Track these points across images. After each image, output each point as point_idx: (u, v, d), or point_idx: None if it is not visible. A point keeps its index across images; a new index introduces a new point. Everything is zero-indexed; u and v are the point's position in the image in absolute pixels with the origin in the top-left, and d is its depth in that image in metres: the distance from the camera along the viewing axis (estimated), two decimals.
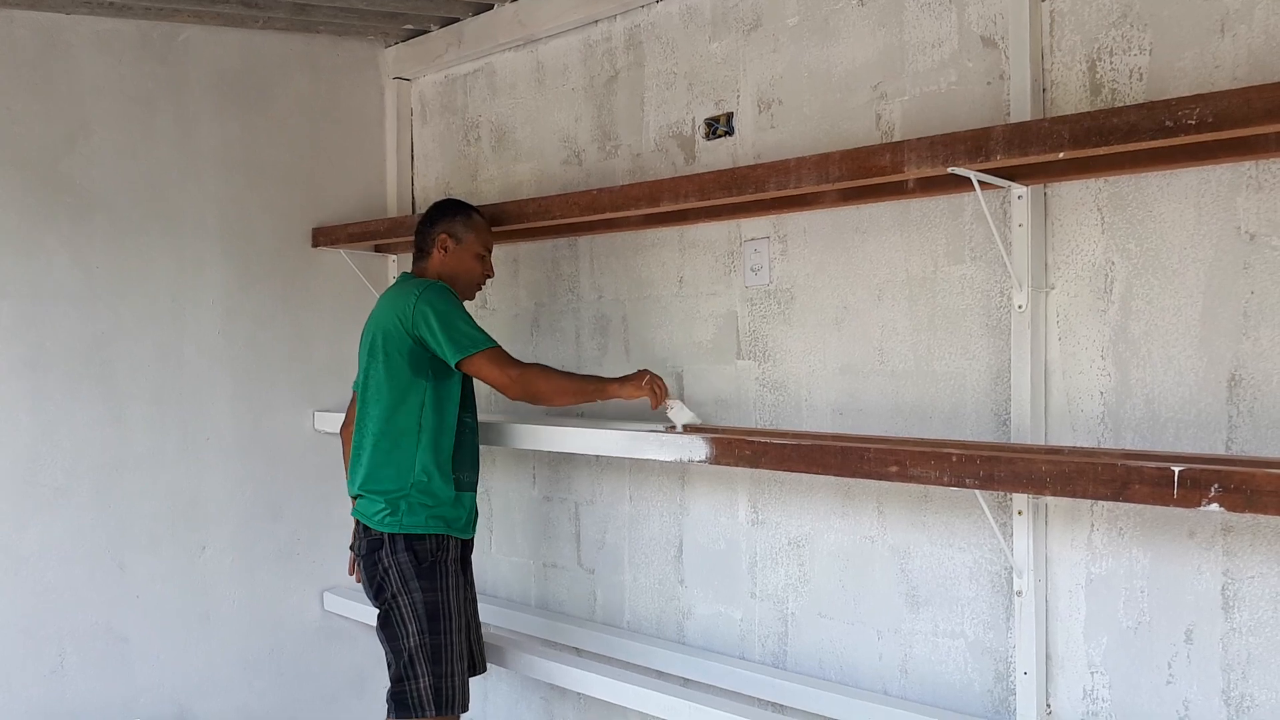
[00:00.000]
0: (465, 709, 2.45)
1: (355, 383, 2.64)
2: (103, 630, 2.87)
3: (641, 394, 2.42)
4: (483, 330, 2.45)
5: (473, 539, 2.60)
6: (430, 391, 2.44)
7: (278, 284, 3.25)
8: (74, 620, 2.82)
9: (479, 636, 2.69)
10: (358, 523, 2.50)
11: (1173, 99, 1.68)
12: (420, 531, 2.41)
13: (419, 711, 2.37)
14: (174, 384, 3.02)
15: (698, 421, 2.44)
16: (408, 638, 2.39)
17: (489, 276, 2.65)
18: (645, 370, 2.47)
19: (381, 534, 2.42)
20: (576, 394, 2.48)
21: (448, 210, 2.62)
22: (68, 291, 2.83)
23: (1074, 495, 1.75)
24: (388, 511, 2.41)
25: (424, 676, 2.37)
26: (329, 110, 3.38)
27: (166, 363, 3.00)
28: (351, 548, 2.55)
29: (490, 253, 2.64)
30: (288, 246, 3.29)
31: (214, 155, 3.12)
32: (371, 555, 2.44)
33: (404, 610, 2.40)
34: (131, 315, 2.94)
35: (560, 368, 2.61)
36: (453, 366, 2.42)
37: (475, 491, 2.58)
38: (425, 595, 2.39)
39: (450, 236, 2.56)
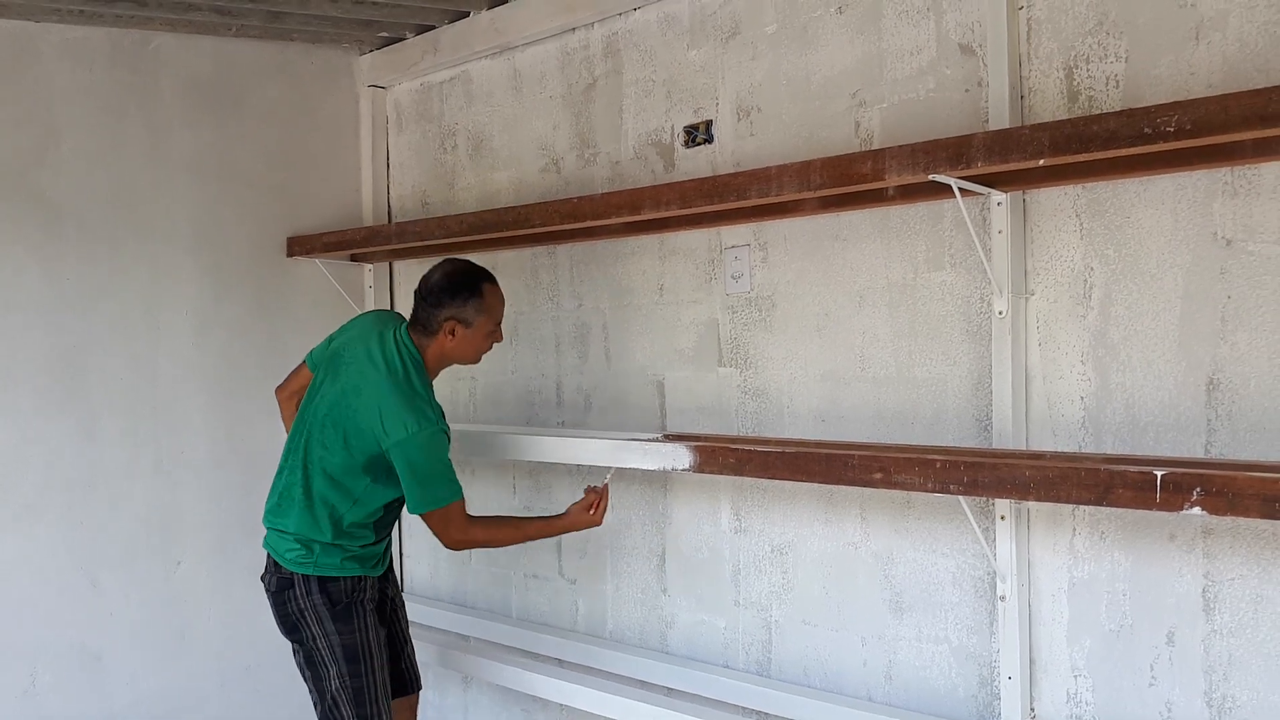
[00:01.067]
0: None
1: (311, 355, 2.53)
2: (76, 649, 2.81)
3: (591, 524, 2.44)
4: (455, 479, 2.35)
5: (387, 570, 2.55)
6: (373, 489, 2.36)
7: (252, 294, 3.21)
8: (46, 639, 2.76)
9: (410, 653, 2.66)
10: (269, 556, 2.42)
11: (1151, 106, 1.70)
12: (335, 574, 2.34)
13: None
14: (147, 396, 2.97)
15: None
16: (329, 679, 2.33)
17: (498, 343, 2.50)
18: (578, 504, 2.46)
19: (292, 574, 2.34)
20: (522, 540, 2.53)
21: (458, 291, 2.36)
22: (37, 303, 2.77)
23: (1058, 500, 1.76)
24: (302, 552, 2.34)
25: (349, 719, 2.32)
26: (303, 118, 3.35)
27: (140, 375, 2.95)
28: (263, 579, 2.44)
29: (500, 323, 2.47)
30: (262, 256, 3.25)
31: (187, 164, 3.08)
32: (282, 593, 2.36)
33: (324, 652, 2.33)
34: (103, 327, 2.89)
35: (507, 516, 2.68)
36: (410, 512, 2.37)
37: (391, 535, 2.54)
38: (343, 638, 2.33)
39: (460, 323, 2.37)
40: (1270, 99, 1.58)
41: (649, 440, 2.39)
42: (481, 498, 3.25)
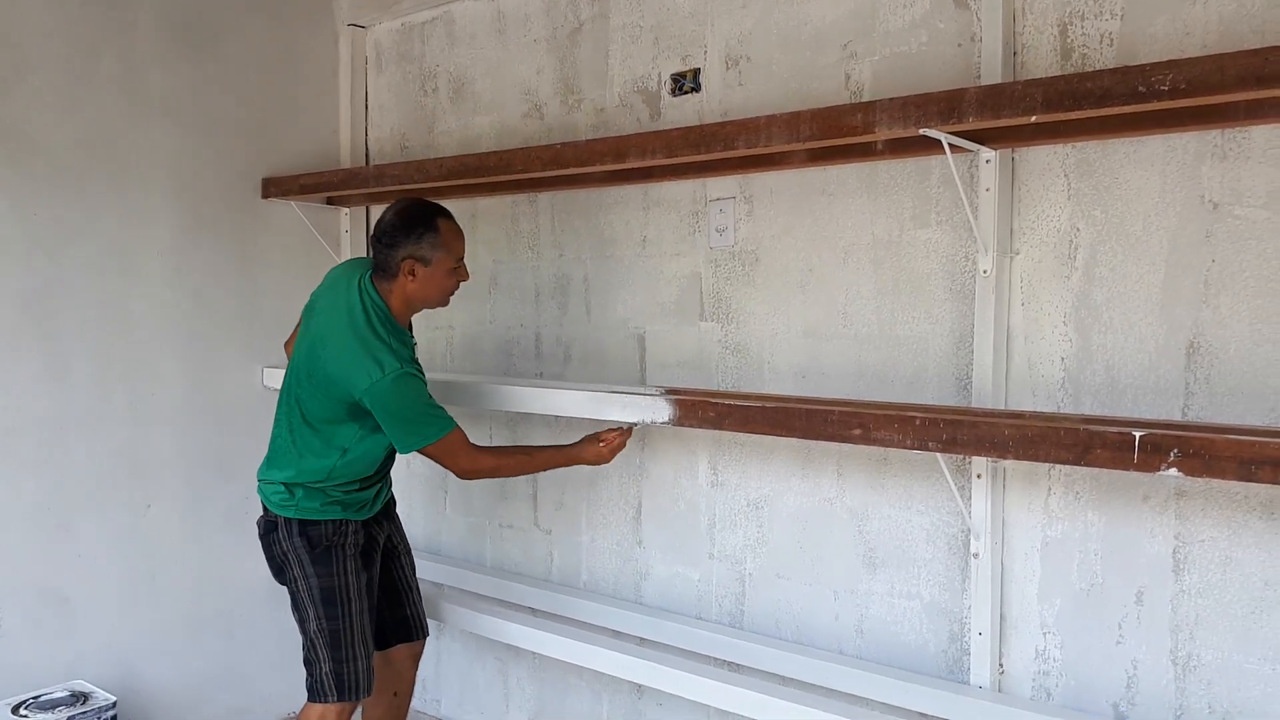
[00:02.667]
0: (369, 693, 2.40)
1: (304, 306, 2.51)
2: (44, 591, 2.78)
3: (601, 459, 2.43)
4: (441, 413, 2.31)
5: (380, 514, 2.52)
6: (359, 436, 2.32)
7: (227, 237, 3.15)
8: (13, 581, 2.72)
9: (416, 600, 2.66)
10: (261, 503, 2.43)
11: (1146, 64, 1.67)
12: (315, 517, 2.34)
13: (322, 696, 2.33)
14: (119, 339, 2.91)
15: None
16: (309, 621, 2.34)
17: (463, 281, 2.42)
18: (591, 437, 2.44)
19: (276, 516, 2.36)
20: (534, 470, 2.53)
21: (411, 229, 2.30)
22: (6, 241, 2.70)
23: (1036, 459, 1.77)
24: (285, 495, 2.34)
25: (325, 661, 2.32)
26: (282, 58, 3.26)
27: (111, 317, 2.89)
28: (256, 524, 2.44)
29: (462, 260, 2.39)
30: (238, 198, 3.17)
31: (162, 102, 2.99)
32: (268, 536, 2.38)
33: (303, 594, 2.34)
34: (74, 267, 2.82)
35: (516, 446, 2.67)
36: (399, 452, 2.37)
37: (384, 480, 2.52)
38: (321, 581, 2.33)
39: (418, 261, 2.30)
40: (1267, 59, 1.56)
41: (629, 393, 2.37)
42: None
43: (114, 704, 2.64)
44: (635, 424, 2.36)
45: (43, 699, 2.62)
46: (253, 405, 3.19)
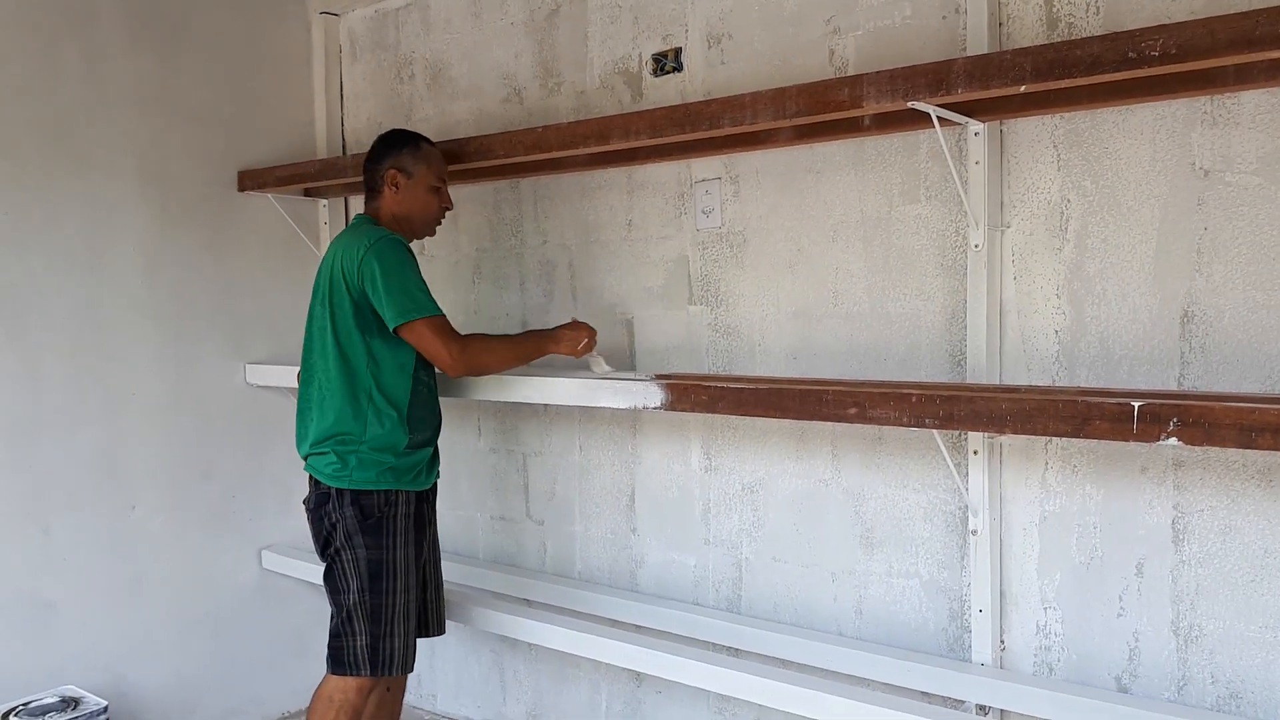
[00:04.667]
0: (407, 669, 2.38)
1: None
2: (27, 596, 2.72)
3: (577, 344, 2.43)
4: (430, 296, 2.32)
5: (431, 489, 2.50)
6: (382, 348, 2.32)
7: (202, 230, 3.08)
8: None
9: (438, 596, 2.60)
10: (310, 477, 2.40)
11: (1136, 30, 1.65)
12: (369, 487, 2.32)
13: (354, 669, 2.30)
14: (93, 337, 2.85)
15: (613, 374, 2.43)
16: (349, 593, 2.31)
17: (447, 209, 2.50)
18: (575, 321, 2.47)
19: (329, 488, 2.33)
20: (518, 358, 2.44)
21: (394, 142, 2.45)
22: None
23: (1034, 433, 1.75)
24: (338, 465, 2.32)
25: (362, 635, 2.30)
26: (251, 46, 3.19)
27: (84, 314, 2.83)
28: (305, 501, 2.43)
29: (445, 183, 2.49)
30: (212, 191, 3.11)
31: (127, 94, 2.92)
32: (319, 509, 2.35)
33: (347, 565, 2.32)
34: (42, 264, 2.75)
35: (493, 333, 2.53)
36: (391, 331, 2.29)
37: (434, 446, 2.49)
38: (369, 552, 2.31)
39: (400, 171, 2.41)
40: (1257, 22, 1.54)
41: (619, 378, 2.34)
42: (446, 440, 3.19)
43: (105, 708, 2.60)
44: (594, 363, 2.45)
45: (33, 705, 2.57)
46: (234, 402, 3.14)
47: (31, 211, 2.73)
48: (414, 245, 3.17)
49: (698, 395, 2.15)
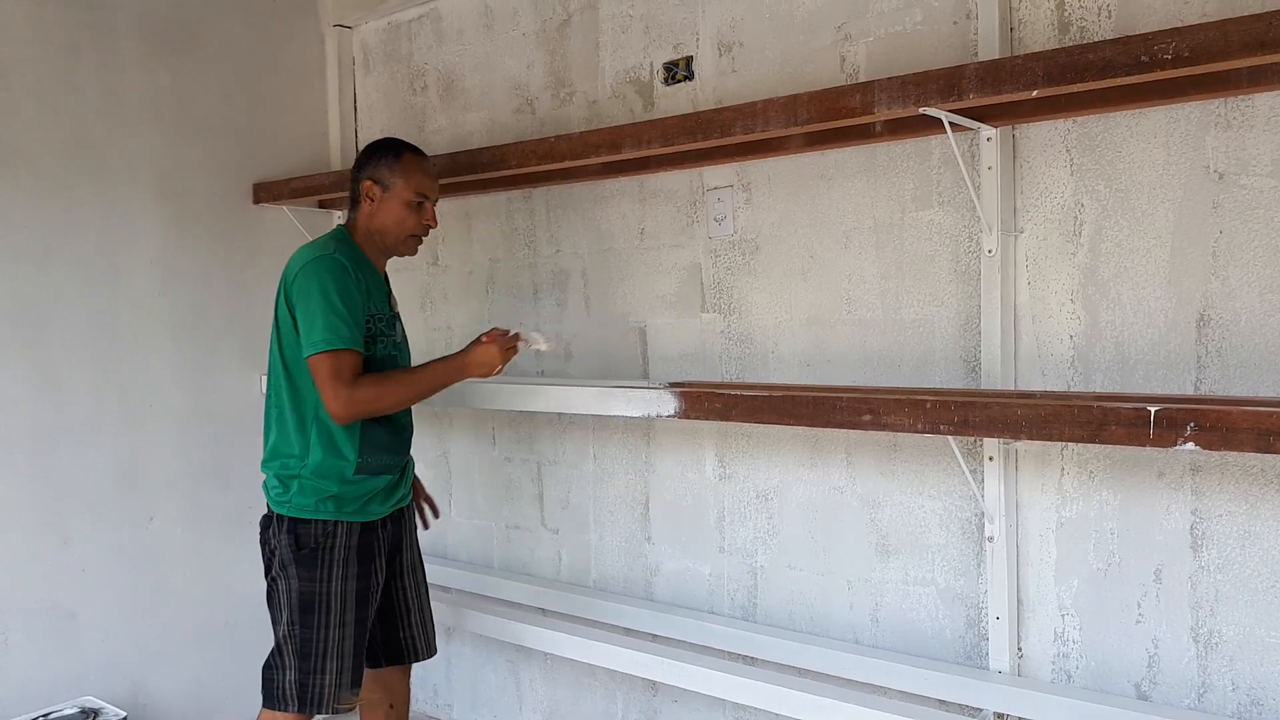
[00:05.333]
0: (341, 707, 2.21)
1: None
2: (48, 606, 2.75)
3: (492, 366, 2.23)
4: (345, 329, 2.11)
5: (392, 516, 2.35)
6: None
7: (218, 242, 3.11)
8: (17, 596, 2.69)
9: (412, 622, 2.45)
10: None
11: (1148, 33, 1.64)
12: (306, 515, 2.19)
13: (282, 704, 2.19)
14: (111, 347, 2.88)
15: (552, 344, 2.40)
16: (280, 624, 2.21)
17: (430, 227, 2.33)
18: (482, 337, 2.26)
19: (272, 512, 2.24)
20: (419, 395, 2.23)
21: (375, 152, 2.31)
22: None
23: (1049, 439, 1.74)
24: (280, 490, 2.22)
25: (290, 669, 2.18)
26: (266, 60, 3.23)
27: (102, 325, 2.86)
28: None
29: (429, 199, 2.31)
30: (228, 203, 3.14)
31: (144, 107, 2.95)
32: (264, 533, 2.26)
33: (280, 595, 2.21)
34: (62, 276, 2.78)
35: (396, 370, 2.27)
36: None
37: (399, 472, 2.35)
38: (301, 584, 2.17)
39: (375, 183, 2.26)
40: (1271, 24, 1.53)
41: (632, 387, 2.34)
42: (460, 449, 3.20)
43: (125, 719, 2.61)
44: (533, 343, 2.31)
45: (53, 716, 2.59)
46: (251, 413, 3.16)
47: (51, 223, 2.76)
48: (424, 257, 3.22)
49: (711, 403, 2.14)
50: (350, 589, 2.22)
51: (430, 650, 2.52)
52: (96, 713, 2.63)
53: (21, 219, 2.71)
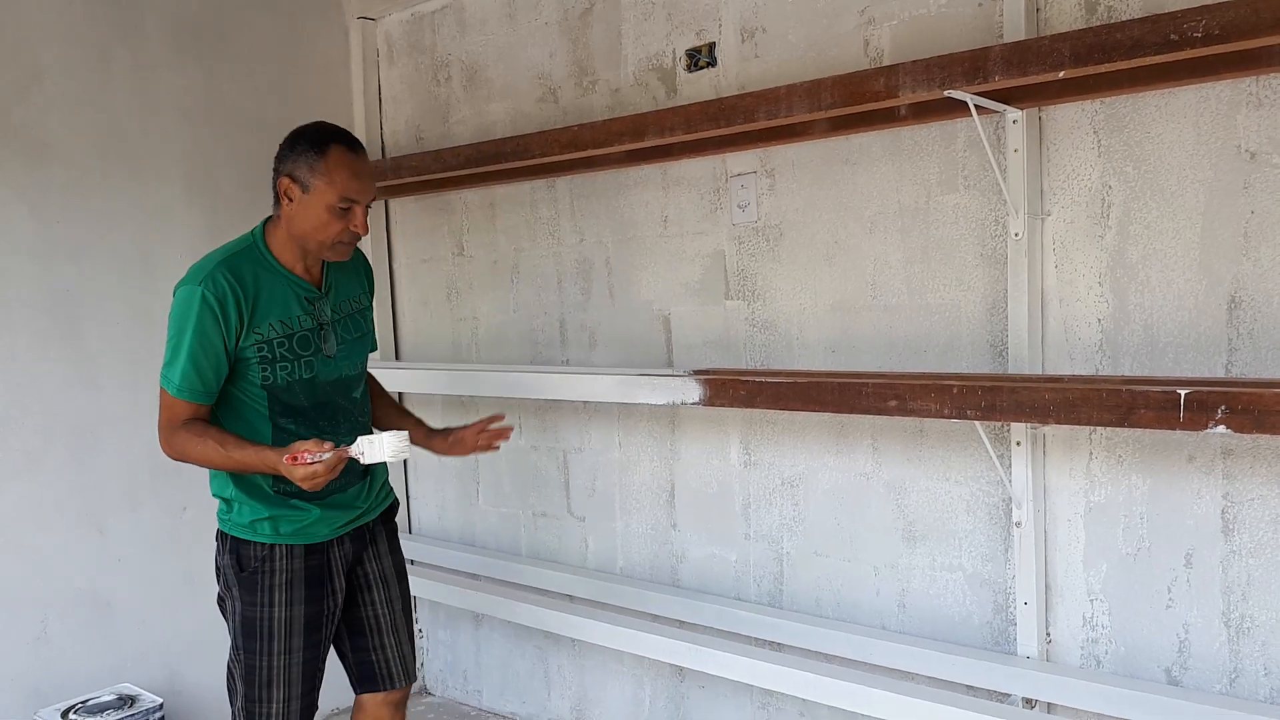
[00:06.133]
0: None
1: None
2: (86, 596, 2.80)
3: (310, 479, 1.80)
4: (182, 379, 1.89)
5: (355, 533, 2.09)
6: (227, 392, 1.97)
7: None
8: (55, 586, 2.75)
9: (386, 644, 2.17)
10: None
11: (1177, 11, 1.63)
12: (245, 536, 1.99)
13: None
14: (145, 340, 2.92)
15: (399, 455, 1.85)
16: (229, 647, 2.05)
17: (357, 235, 1.97)
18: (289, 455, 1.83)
19: (220, 529, 2.05)
20: (226, 467, 1.93)
21: (296, 143, 1.95)
22: (27, 247, 2.71)
23: (1078, 423, 1.73)
24: (224, 507, 2.03)
25: (238, 697, 2.03)
26: (291, 54, 3.25)
27: (136, 318, 2.90)
28: None
29: (359, 203, 1.95)
30: (257, 196, 3.14)
31: (174, 103, 2.99)
32: (217, 545, 2.07)
33: (227, 615, 2.05)
34: (96, 270, 2.83)
35: (224, 435, 1.92)
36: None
37: (334, 504, 2.04)
38: (244, 608, 1.99)
39: (293, 181, 1.93)
40: None
41: (656, 374, 2.35)
42: None
43: (160, 706, 2.66)
44: (359, 451, 1.84)
45: (91, 703, 2.64)
46: None
47: (86, 218, 2.81)
48: (449, 248, 3.24)
49: (736, 390, 2.15)
50: (297, 614, 2.00)
51: (409, 676, 2.22)
52: (133, 699, 2.68)
53: (57, 215, 2.76)
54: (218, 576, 2.08)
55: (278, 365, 1.97)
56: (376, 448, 1.83)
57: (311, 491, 1.86)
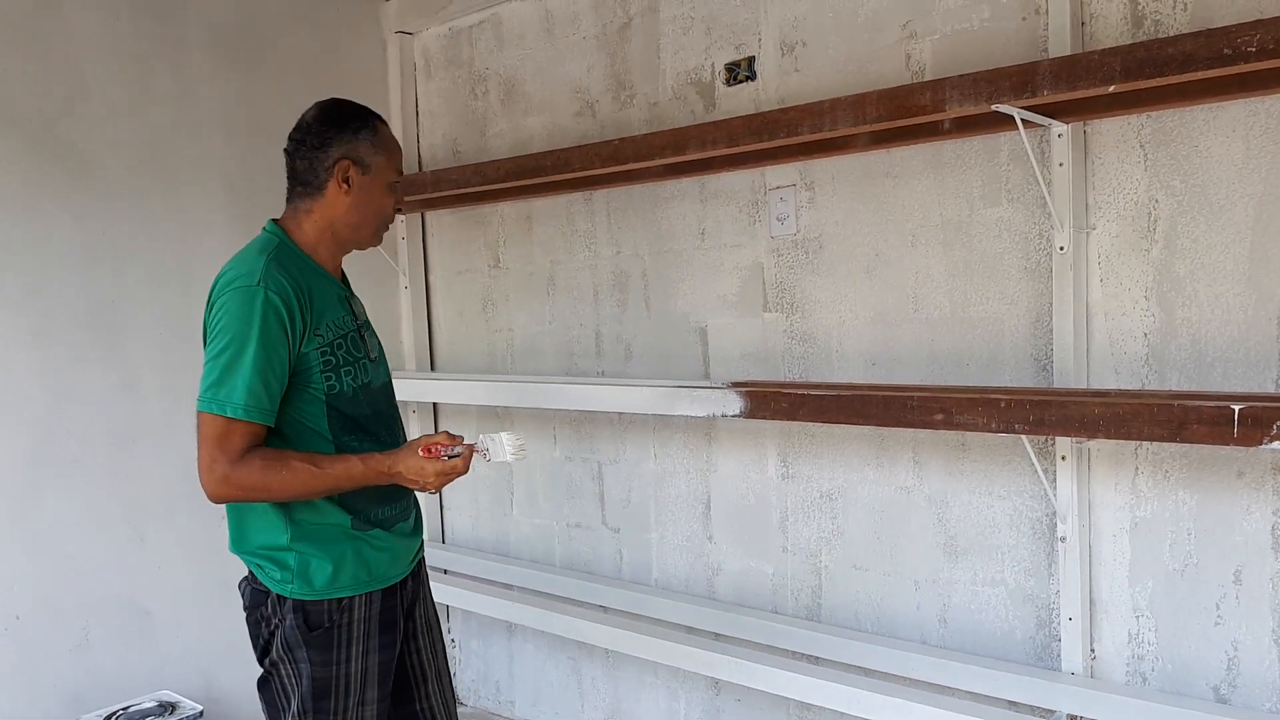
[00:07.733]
0: None
1: None
2: (125, 603, 2.83)
3: (421, 479, 1.70)
4: (251, 396, 1.65)
5: (409, 575, 1.92)
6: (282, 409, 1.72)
7: None
8: (96, 593, 2.78)
9: (435, 692, 1.98)
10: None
11: (1230, 26, 1.62)
12: (320, 598, 1.75)
13: None
14: (185, 350, 2.93)
15: (520, 455, 1.73)
16: (284, 713, 1.79)
17: (399, 210, 1.93)
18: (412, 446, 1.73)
19: (269, 589, 1.77)
20: (313, 492, 1.72)
21: (347, 122, 1.81)
22: (70, 258, 2.75)
23: (1128, 437, 1.72)
24: (275, 569, 1.76)
25: None
26: (330, 68, 3.29)
27: (176, 328, 2.93)
28: (239, 585, 1.88)
29: (401, 174, 1.90)
30: None
31: (214, 115, 3.03)
32: (255, 611, 1.80)
33: (286, 681, 1.78)
34: (137, 281, 2.87)
35: (305, 454, 1.72)
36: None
37: (405, 520, 1.89)
38: (315, 669, 1.75)
39: (355, 165, 1.79)
40: None
41: (696, 387, 2.35)
42: None
43: (201, 713, 2.68)
44: (484, 448, 1.72)
45: (132, 710, 2.66)
46: None
47: (128, 230, 2.85)
48: (485, 259, 3.26)
49: (778, 402, 2.15)
50: (372, 663, 1.80)
51: None
52: (174, 706, 2.70)
53: (99, 225, 2.80)
54: (266, 645, 1.79)
55: (342, 370, 1.78)
56: (498, 446, 1.68)
57: (434, 492, 1.72)
